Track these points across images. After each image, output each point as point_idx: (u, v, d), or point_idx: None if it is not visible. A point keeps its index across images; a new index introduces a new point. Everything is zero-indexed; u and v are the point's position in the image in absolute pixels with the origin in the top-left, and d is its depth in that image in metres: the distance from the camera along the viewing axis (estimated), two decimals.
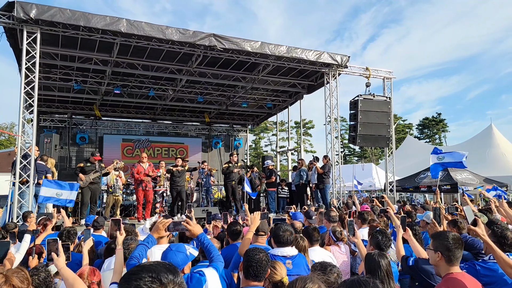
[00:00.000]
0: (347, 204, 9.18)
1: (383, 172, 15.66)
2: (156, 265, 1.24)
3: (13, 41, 9.19)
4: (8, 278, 2.16)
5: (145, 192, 10.41)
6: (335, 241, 4.64)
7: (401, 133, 44.50)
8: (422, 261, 3.30)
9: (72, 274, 2.55)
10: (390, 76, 12.79)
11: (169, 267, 1.25)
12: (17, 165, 8.25)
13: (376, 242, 3.74)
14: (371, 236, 3.93)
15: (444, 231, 3.54)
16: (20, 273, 2.25)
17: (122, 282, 1.22)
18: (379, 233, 3.88)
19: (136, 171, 10.40)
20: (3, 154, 26.05)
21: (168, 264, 1.27)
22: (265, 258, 2.74)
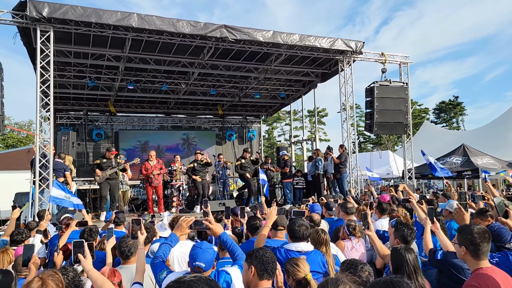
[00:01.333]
0: (366, 194, 9.05)
1: (400, 159, 15.41)
2: (197, 281, 1.17)
3: (26, 40, 9.26)
4: (44, 281, 2.18)
5: (154, 188, 10.61)
6: (349, 235, 4.54)
7: (417, 118, 43.74)
8: (451, 255, 3.19)
9: (101, 276, 2.55)
10: (406, 61, 12.49)
11: (211, 283, 1.19)
12: (36, 163, 8.35)
13: (401, 235, 3.64)
14: (395, 229, 3.83)
15: (469, 224, 3.42)
16: (55, 276, 2.27)
17: None
18: (404, 225, 3.78)
19: (144, 168, 10.60)
20: (22, 152, 26.55)
21: (209, 280, 1.20)
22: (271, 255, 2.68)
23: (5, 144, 43.00)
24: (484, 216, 4.47)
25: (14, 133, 43.54)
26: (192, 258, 2.70)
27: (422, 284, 2.81)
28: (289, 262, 2.87)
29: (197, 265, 2.66)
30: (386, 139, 44.94)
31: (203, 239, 4.97)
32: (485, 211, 4.58)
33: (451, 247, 3.47)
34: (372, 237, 3.91)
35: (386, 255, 3.74)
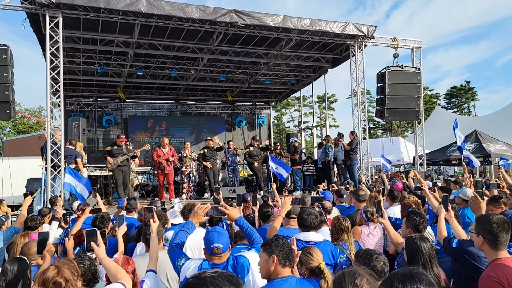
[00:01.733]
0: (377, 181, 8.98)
1: (411, 146, 15.26)
2: (218, 277, 1.14)
3: (35, 26, 9.23)
4: (60, 269, 2.19)
5: (165, 175, 10.61)
6: (366, 221, 4.52)
7: (428, 104, 43.18)
8: (467, 243, 3.14)
9: (114, 264, 2.56)
10: (419, 46, 12.23)
11: (232, 279, 1.16)
12: (48, 150, 8.41)
13: (413, 224, 3.59)
14: (406, 218, 3.78)
15: (488, 214, 3.35)
16: (70, 265, 2.29)
17: None
18: (415, 214, 3.73)
19: (156, 155, 10.57)
20: (33, 138, 26.87)
21: (230, 275, 1.17)
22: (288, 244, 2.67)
23: (16, 130, 43.56)
24: (497, 203, 4.41)
25: (25, 119, 44.02)
26: (209, 241, 2.71)
27: (437, 274, 2.78)
28: (302, 251, 2.86)
29: (216, 247, 2.68)
30: (396, 125, 44.51)
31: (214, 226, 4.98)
32: (498, 198, 4.51)
33: (464, 235, 3.42)
34: (386, 224, 3.87)
35: (400, 243, 3.71)
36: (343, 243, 3.78)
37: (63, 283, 2.15)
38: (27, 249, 3.43)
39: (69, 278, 2.18)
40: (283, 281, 2.48)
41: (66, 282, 2.16)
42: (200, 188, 12.53)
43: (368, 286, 1.87)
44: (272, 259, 2.53)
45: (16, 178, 12.17)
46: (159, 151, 10.58)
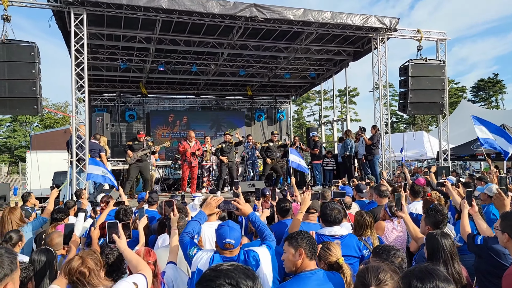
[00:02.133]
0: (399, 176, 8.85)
1: (435, 140, 14.93)
2: (234, 270, 1.17)
3: (61, 24, 9.47)
4: (84, 260, 2.27)
5: (191, 168, 10.66)
6: (390, 217, 4.47)
7: (454, 97, 42.08)
8: (492, 240, 3.07)
9: (135, 256, 2.63)
10: (444, 38, 11.91)
11: (248, 273, 1.18)
12: (73, 144, 8.66)
13: (433, 221, 3.53)
14: (425, 215, 3.72)
15: None
16: (93, 255, 2.37)
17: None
18: (435, 211, 3.67)
19: (181, 148, 10.64)
20: (59, 132, 27.60)
21: (246, 269, 1.19)
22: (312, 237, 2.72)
23: (43, 124, 44.88)
24: None
25: (51, 114, 45.28)
26: (221, 236, 2.74)
27: (459, 271, 2.74)
28: (321, 247, 2.87)
29: (228, 242, 2.71)
30: (419, 119, 43.62)
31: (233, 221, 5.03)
32: None
33: (489, 232, 3.35)
34: (405, 219, 3.83)
35: (419, 238, 3.66)
36: (367, 239, 3.77)
37: (87, 273, 2.23)
38: (49, 240, 3.55)
39: (92, 268, 2.26)
40: (311, 274, 2.54)
41: (90, 271, 2.24)
42: (217, 183, 12.63)
43: (391, 282, 1.88)
44: (299, 253, 2.58)
45: (43, 171, 12.58)
46: (185, 144, 10.62)
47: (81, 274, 2.22)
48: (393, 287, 1.87)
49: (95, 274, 2.26)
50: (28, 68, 7.91)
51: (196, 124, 17.53)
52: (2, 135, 45.01)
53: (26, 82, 7.90)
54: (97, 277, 2.27)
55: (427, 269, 1.71)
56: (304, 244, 2.61)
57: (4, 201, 8.12)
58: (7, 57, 7.79)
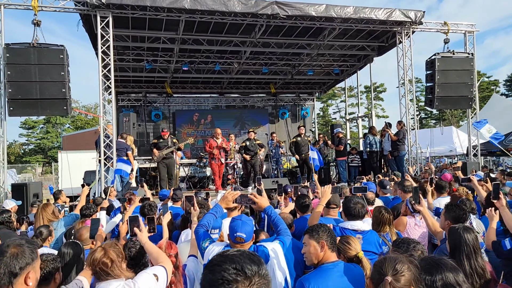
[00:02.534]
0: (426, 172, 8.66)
1: (465, 136, 14.48)
2: (240, 256, 1.20)
3: (88, 26, 9.78)
4: (106, 251, 2.36)
5: (221, 164, 10.76)
6: (412, 212, 4.39)
7: (486, 91, 40.56)
8: None
9: (156, 248, 2.70)
10: (472, 30, 11.53)
11: (253, 258, 1.21)
12: (101, 143, 8.93)
13: (453, 216, 3.43)
14: (445, 210, 3.63)
15: None
16: (116, 247, 2.45)
17: (206, 272, 1.20)
18: (455, 206, 3.57)
19: (208, 146, 10.75)
20: (90, 133, 28.46)
21: (252, 255, 1.22)
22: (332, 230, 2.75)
23: (74, 126, 46.38)
24: None
25: (82, 115, 46.72)
26: (233, 229, 2.77)
27: (482, 266, 2.66)
28: (340, 240, 2.86)
29: (239, 236, 2.73)
30: (449, 115, 42.34)
31: (256, 216, 5.07)
32: None
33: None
34: (423, 212, 3.75)
35: (438, 232, 3.59)
36: (385, 235, 3.72)
37: (109, 263, 2.32)
38: (79, 235, 3.70)
39: (114, 259, 2.35)
40: (333, 265, 2.59)
41: (112, 262, 2.33)
42: (244, 180, 12.71)
43: (408, 273, 1.87)
44: (321, 245, 2.62)
45: (74, 170, 13.05)
46: (212, 141, 10.73)
47: (104, 264, 2.31)
48: (409, 278, 1.86)
49: (117, 265, 2.34)
50: (57, 70, 8.23)
51: (220, 123, 17.65)
52: (36, 137, 46.80)
53: (56, 84, 8.22)
54: (119, 268, 2.35)
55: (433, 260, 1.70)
56: (325, 236, 2.65)
57: (37, 199, 8.47)
58: (38, 60, 8.13)
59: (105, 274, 2.31)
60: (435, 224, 3.60)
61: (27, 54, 8.12)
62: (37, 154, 45.49)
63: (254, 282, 1.14)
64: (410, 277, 1.87)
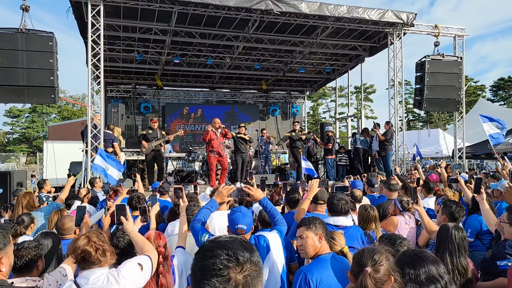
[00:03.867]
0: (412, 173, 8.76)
1: (451, 138, 14.69)
2: (232, 242, 1.18)
3: (78, 14, 9.60)
4: (90, 239, 2.33)
5: (218, 158, 9.73)
6: (401, 211, 4.44)
7: (472, 96, 41.23)
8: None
9: (142, 238, 2.67)
10: (462, 34, 11.68)
11: (245, 245, 1.19)
12: (89, 134, 8.81)
13: (449, 212, 3.50)
14: (443, 206, 3.70)
15: None
16: (100, 235, 2.41)
17: (197, 258, 1.18)
18: (452, 202, 3.65)
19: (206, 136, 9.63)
20: (77, 123, 28.14)
21: (244, 241, 1.21)
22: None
23: (61, 116, 45.72)
24: None
25: (69, 105, 46.07)
26: (233, 221, 2.78)
27: (464, 264, 2.71)
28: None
29: (240, 228, 2.74)
30: (436, 117, 42.93)
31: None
32: None
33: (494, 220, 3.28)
34: (421, 212, 3.79)
35: (434, 231, 3.64)
36: (371, 232, 3.75)
37: (93, 252, 2.27)
38: (61, 224, 3.65)
39: (98, 247, 2.30)
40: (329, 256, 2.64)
41: (96, 250, 2.29)
42: (233, 176, 12.68)
43: (387, 263, 1.91)
44: (318, 236, 2.66)
45: (60, 161, 12.87)
46: (211, 133, 9.59)
47: (87, 252, 2.26)
48: (388, 267, 1.90)
49: (100, 253, 2.30)
50: (46, 57, 8.06)
51: (211, 118, 17.52)
52: (21, 126, 46.02)
53: (44, 71, 8.04)
54: (102, 257, 2.31)
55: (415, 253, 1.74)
56: (321, 228, 2.70)
57: (21, 187, 8.33)
58: (26, 46, 7.94)
59: (88, 263, 2.27)
60: (431, 223, 3.66)
61: (14, 39, 7.92)
62: (22, 144, 44.74)
63: (246, 269, 1.12)
64: (388, 266, 1.90)
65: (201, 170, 12.82)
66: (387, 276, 1.89)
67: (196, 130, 17.30)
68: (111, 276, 2.21)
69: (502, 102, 46.66)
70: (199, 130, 17.14)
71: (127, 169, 12.23)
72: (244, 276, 1.11)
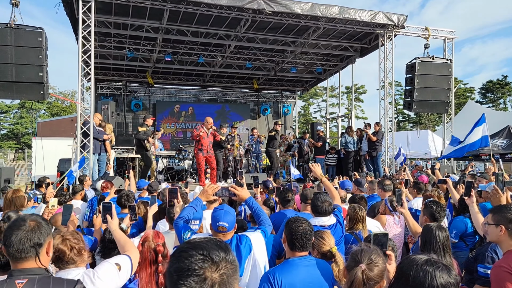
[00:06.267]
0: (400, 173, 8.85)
1: (440, 139, 14.86)
2: (207, 242, 1.20)
3: (69, 10, 9.51)
4: (65, 238, 2.33)
5: (207, 157, 9.53)
6: (391, 211, 4.50)
7: (461, 98, 41.71)
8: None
9: (124, 237, 2.67)
10: (451, 36, 11.83)
11: (220, 244, 1.21)
12: (78, 131, 8.74)
13: (430, 212, 3.57)
14: (424, 206, 3.76)
15: (506, 204, 3.27)
16: (75, 236, 2.41)
17: (172, 260, 1.19)
18: (433, 203, 3.70)
19: (196, 132, 9.48)
20: (66, 120, 27.82)
21: (219, 241, 1.23)
22: (308, 228, 2.72)
23: (50, 112, 45.16)
24: None
25: (58, 102, 45.54)
26: (215, 219, 2.78)
27: (449, 264, 2.75)
28: (314, 235, 2.89)
29: (221, 225, 2.75)
30: (426, 119, 43.36)
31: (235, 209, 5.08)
32: None
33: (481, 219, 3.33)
34: (405, 214, 3.85)
35: (418, 232, 3.69)
36: (358, 232, 3.80)
37: (67, 252, 2.27)
38: (53, 221, 3.63)
39: (73, 246, 2.30)
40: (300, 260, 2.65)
41: (71, 250, 2.28)
42: (223, 174, 12.68)
43: (382, 265, 1.96)
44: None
45: (48, 158, 12.73)
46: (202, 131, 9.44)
47: (61, 251, 2.26)
48: (382, 270, 1.94)
49: (75, 253, 2.29)
50: (35, 53, 7.97)
51: (202, 116, 17.50)
52: (10, 122, 45.39)
53: (33, 67, 7.96)
54: (77, 256, 2.30)
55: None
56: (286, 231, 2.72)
57: (8, 183, 8.23)
58: (15, 42, 7.84)
59: (63, 262, 2.27)
60: (416, 225, 3.71)
61: (3, 34, 7.81)
62: (10, 140, 44.12)
63: (221, 267, 1.14)
64: (383, 269, 1.94)
65: (191, 168, 12.79)
66: (379, 278, 1.92)
67: (187, 128, 17.26)
68: (86, 276, 2.18)
69: (491, 105, 47.29)
70: (189, 128, 17.11)
71: (117, 166, 12.16)
72: (220, 275, 1.13)
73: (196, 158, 9.83)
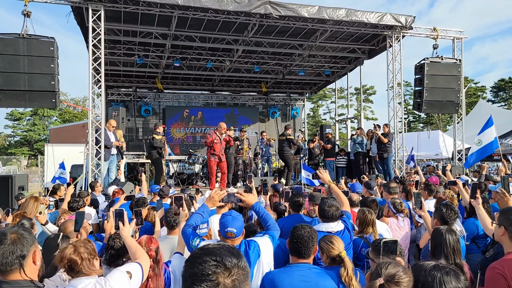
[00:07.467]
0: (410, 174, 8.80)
1: (451, 140, 14.72)
2: (220, 249, 1.24)
3: (79, 19, 9.69)
4: (76, 248, 2.38)
5: (218, 163, 9.62)
6: (395, 213, 4.48)
7: (473, 97, 41.24)
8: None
9: (135, 244, 2.70)
10: (460, 36, 11.74)
11: (233, 251, 1.25)
12: (89, 137, 8.88)
13: (440, 216, 3.55)
14: (435, 209, 3.74)
15: None
16: (87, 245, 2.45)
17: (187, 265, 1.24)
18: (443, 206, 3.68)
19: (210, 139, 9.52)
20: (77, 126, 28.20)
21: (231, 248, 1.27)
22: (307, 234, 2.72)
23: (62, 119, 45.80)
24: None
25: (70, 108, 46.17)
26: (223, 225, 2.80)
27: (460, 267, 2.75)
28: (323, 240, 2.90)
29: (229, 231, 2.77)
30: (437, 119, 42.93)
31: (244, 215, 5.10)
32: None
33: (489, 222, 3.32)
34: (425, 216, 3.82)
35: None
36: (368, 236, 3.78)
37: (79, 261, 2.31)
38: (64, 228, 3.70)
39: (84, 256, 2.34)
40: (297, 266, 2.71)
41: (82, 260, 2.32)
42: (234, 178, 12.72)
43: (408, 283, 1.86)
44: None
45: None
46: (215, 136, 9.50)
47: (73, 261, 2.30)
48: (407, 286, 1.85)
49: (87, 262, 2.33)
50: (47, 62, 8.13)
51: (211, 120, 17.64)
52: (23, 129, 46.11)
53: (45, 76, 8.12)
54: (90, 265, 2.34)
55: None
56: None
57: (22, 190, 8.39)
58: (28, 51, 8.02)
59: (74, 271, 2.31)
60: None
61: (16, 45, 8.00)
62: (23, 146, 44.84)
63: (233, 273, 1.19)
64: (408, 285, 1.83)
65: (202, 173, 12.87)
66: None
67: (196, 133, 17.37)
68: (98, 284, 2.22)
69: (503, 103, 46.67)
70: (199, 133, 17.22)
71: (128, 172, 12.30)
72: (232, 280, 1.18)
73: (208, 162, 9.89)
